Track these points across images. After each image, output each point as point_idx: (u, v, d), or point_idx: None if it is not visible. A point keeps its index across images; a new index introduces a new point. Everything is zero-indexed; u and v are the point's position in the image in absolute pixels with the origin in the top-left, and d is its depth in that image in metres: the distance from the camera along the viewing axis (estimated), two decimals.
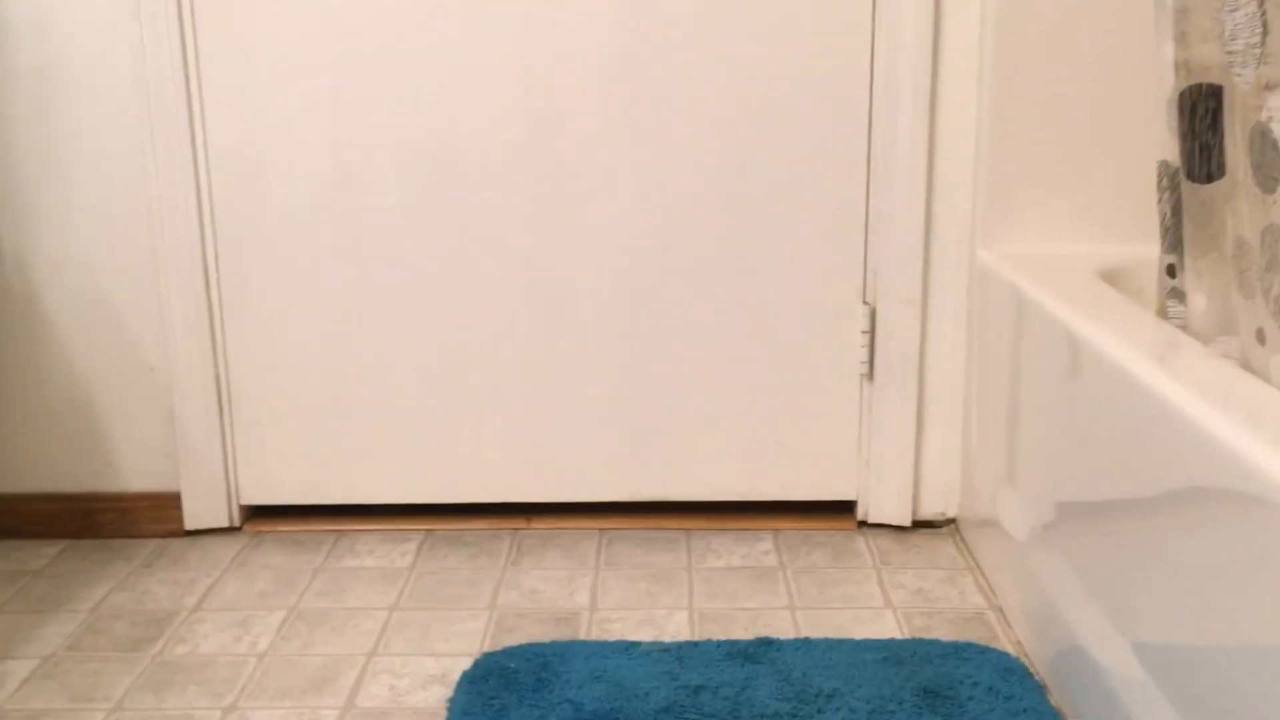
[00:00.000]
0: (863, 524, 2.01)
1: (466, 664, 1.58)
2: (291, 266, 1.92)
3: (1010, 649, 1.62)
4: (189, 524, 2.00)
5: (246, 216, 1.91)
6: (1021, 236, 1.83)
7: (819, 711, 1.45)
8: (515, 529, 2.01)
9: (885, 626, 1.68)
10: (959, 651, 1.59)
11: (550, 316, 1.94)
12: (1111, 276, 1.70)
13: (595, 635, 1.66)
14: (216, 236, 1.92)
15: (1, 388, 1.96)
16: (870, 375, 1.95)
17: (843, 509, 2.04)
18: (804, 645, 1.61)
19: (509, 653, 1.59)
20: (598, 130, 1.87)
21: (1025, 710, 1.45)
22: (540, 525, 2.02)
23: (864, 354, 1.94)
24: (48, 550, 1.96)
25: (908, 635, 1.66)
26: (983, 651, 1.59)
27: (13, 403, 1.97)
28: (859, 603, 1.75)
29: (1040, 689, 1.50)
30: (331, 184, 1.90)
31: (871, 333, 1.93)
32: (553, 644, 1.61)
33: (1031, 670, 1.55)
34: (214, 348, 1.94)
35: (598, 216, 1.90)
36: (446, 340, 1.95)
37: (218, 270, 1.93)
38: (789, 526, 2.01)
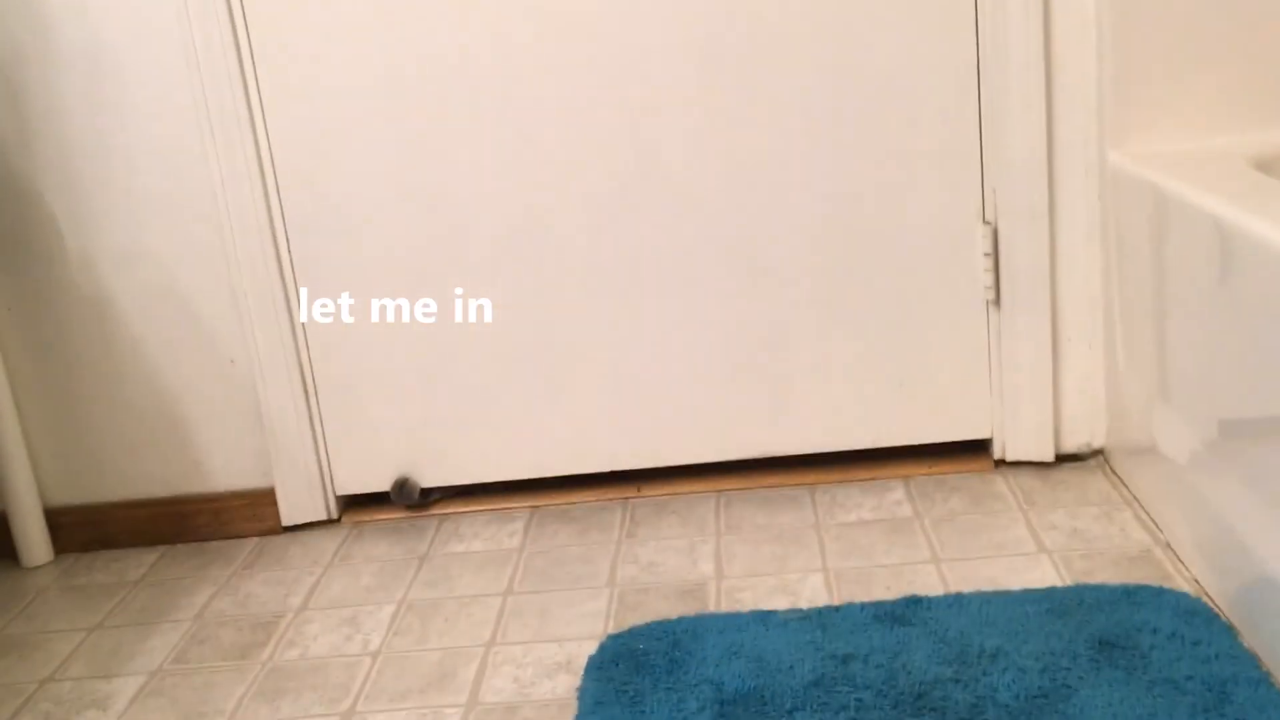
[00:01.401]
0: (1000, 463, 1.87)
1: (592, 648, 1.49)
2: (366, 243, 1.83)
3: (1188, 588, 1.48)
4: (286, 520, 1.93)
5: (315, 196, 1.82)
6: (1158, 131, 1.67)
7: (985, 673, 1.33)
8: (625, 498, 1.91)
9: (1042, 574, 1.55)
10: (1131, 595, 1.46)
11: (643, 268, 1.83)
12: (1270, 165, 1.54)
13: (725, 607, 1.56)
14: (285, 220, 1.83)
15: (79, 393, 1.91)
16: (996, 301, 1.81)
17: (976, 449, 1.91)
18: (956, 601, 1.48)
19: (636, 633, 1.50)
20: (686, 54, 1.74)
21: (1217, 656, 1.32)
22: (651, 492, 1.92)
23: (988, 278, 1.80)
24: (145, 558, 1.91)
25: (1069, 582, 1.53)
26: (1158, 594, 1.45)
27: (93, 408, 1.92)
28: (1009, 550, 1.63)
29: (1229, 631, 1.36)
30: (400, 153, 1.80)
31: (994, 254, 1.79)
32: (682, 620, 1.52)
33: (1216, 610, 1.42)
34: (294, 334, 1.87)
35: (687, 150, 1.78)
36: (536, 305, 1.85)
37: (290, 254, 1.85)
38: (920, 472, 1.88)
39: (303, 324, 1.87)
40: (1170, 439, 1.58)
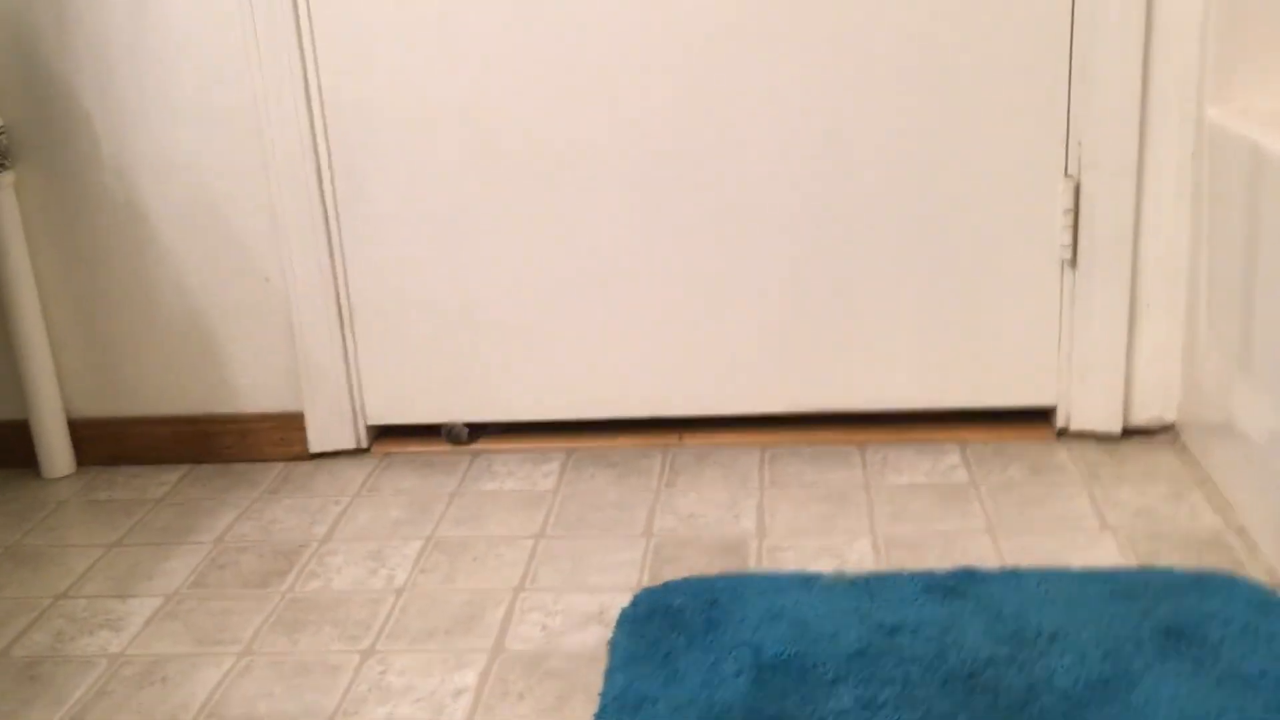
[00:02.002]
0: (1063, 433, 1.79)
1: (625, 600, 1.43)
2: (411, 166, 1.76)
3: (1263, 578, 1.40)
4: (314, 446, 1.88)
5: (360, 112, 1.75)
6: (1264, 87, 1.56)
7: (1042, 655, 1.26)
8: (666, 446, 1.85)
9: (1105, 553, 1.48)
10: (1201, 582, 1.38)
11: (699, 210, 1.74)
12: None
13: (766, 566, 1.49)
14: (328, 135, 1.76)
15: (108, 303, 1.86)
16: (1073, 261, 1.71)
17: (1037, 417, 1.82)
18: (1013, 576, 1.41)
19: (672, 588, 1.43)
20: None
21: None
22: (694, 441, 1.85)
23: (1066, 236, 1.70)
24: (167, 477, 1.87)
25: (1134, 563, 1.45)
26: (1230, 582, 1.37)
27: (121, 319, 1.87)
28: (1070, 525, 1.55)
29: None
30: (449, 74, 1.72)
31: (1075, 211, 1.69)
32: (721, 577, 1.45)
33: None
34: (331, 256, 1.80)
35: (751, 90, 1.69)
36: (585, 240, 1.77)
37: (331, 171, 1.77)
38: (977, 438, 1.80)
39: (342, 244, 1.80)
40: (1250, 416, 1.49)
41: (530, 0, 1.68)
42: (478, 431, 1.88)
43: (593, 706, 1.24)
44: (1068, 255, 1.71)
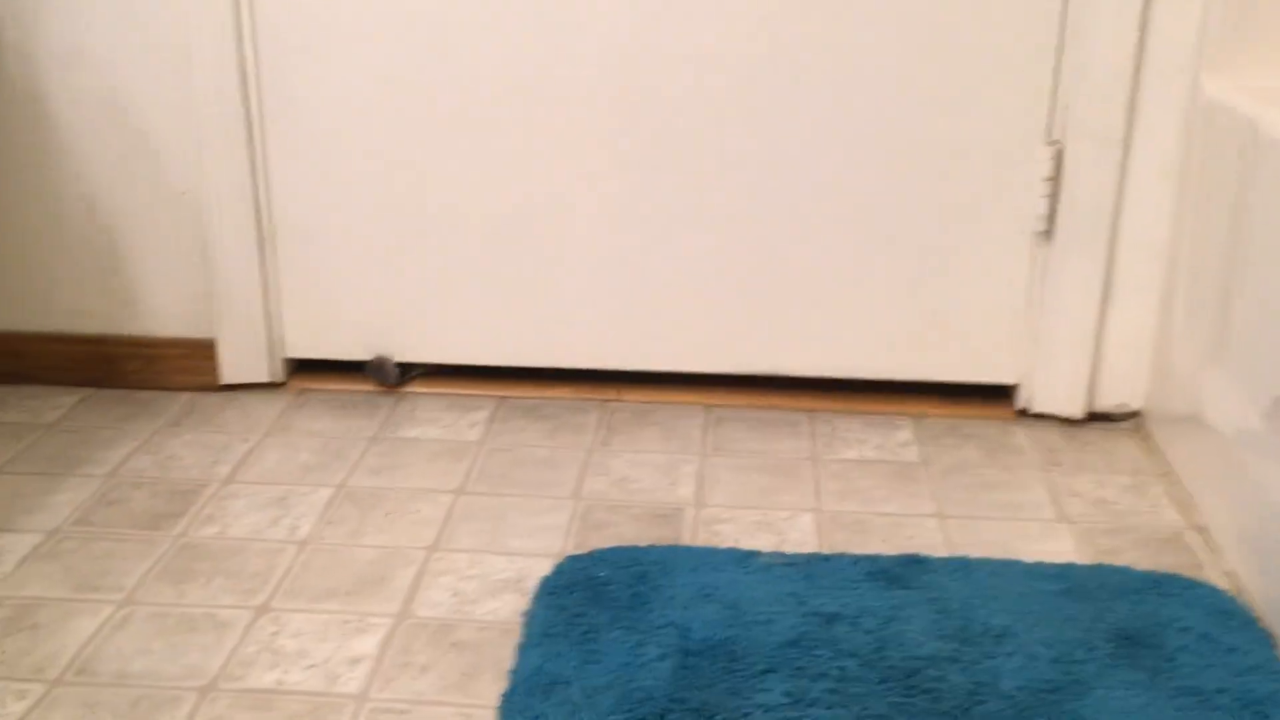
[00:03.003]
0: (1022, 413, 1.71)
1: (546, 567, 1.34)
2: (346, 78, 1.63)
3: (1223, 582, 1.33)
4: (225, 377, 1.76)
5: (294, 11, 1.61)
6: (1268, 62, 1.48)
7: (988, 656, 1.19)
8: (604, 400, 1.75)
9: (1060, 546, 1.41)
10: (1159, 585, 1.31)
11: (649, 149, 1.63)
12: None
13: (702, 539, 1.41)
14: (256, 34, 1.62)
15: (6, 204, 1.72)
16: (1049, 233, 1.63)
17: (997, 394, 1.75)
18: (962, 566, 1.34)
19: (598, 557, 1.34)
20: None
21: (1254, 669, 1.17)
22: (633, 398, 1.75)
23: (1043, 206, 1.61)
24: (64, 400, 1.74)
25: (1090, 559, 1.38)
26: (1189, 586, 1.31)
27: (19, 222, 1.73)
28: (1025, 513, 1.47)
29: (1268, 640, 1.22)
30: None
31: (1056, 180, 1.60)
32: (652, 548, 1.36)
33: (1254, 613, 1.27)
34: (253, 171, 1.68)
35: (709, 30, 1.57)
36: (524, 175, 1.66)
37: (258, 77, 1.64)
38: (932, 412, 1.72)
39: (266, 157, 1.67)
40: (1221, 409, 1.42)
41: None
42: (409, 370, 1.77)
43: (501, 685, 1.15)
44: (1043, 226, 1.63)
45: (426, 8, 1.59)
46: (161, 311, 1.76)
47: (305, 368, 1.81)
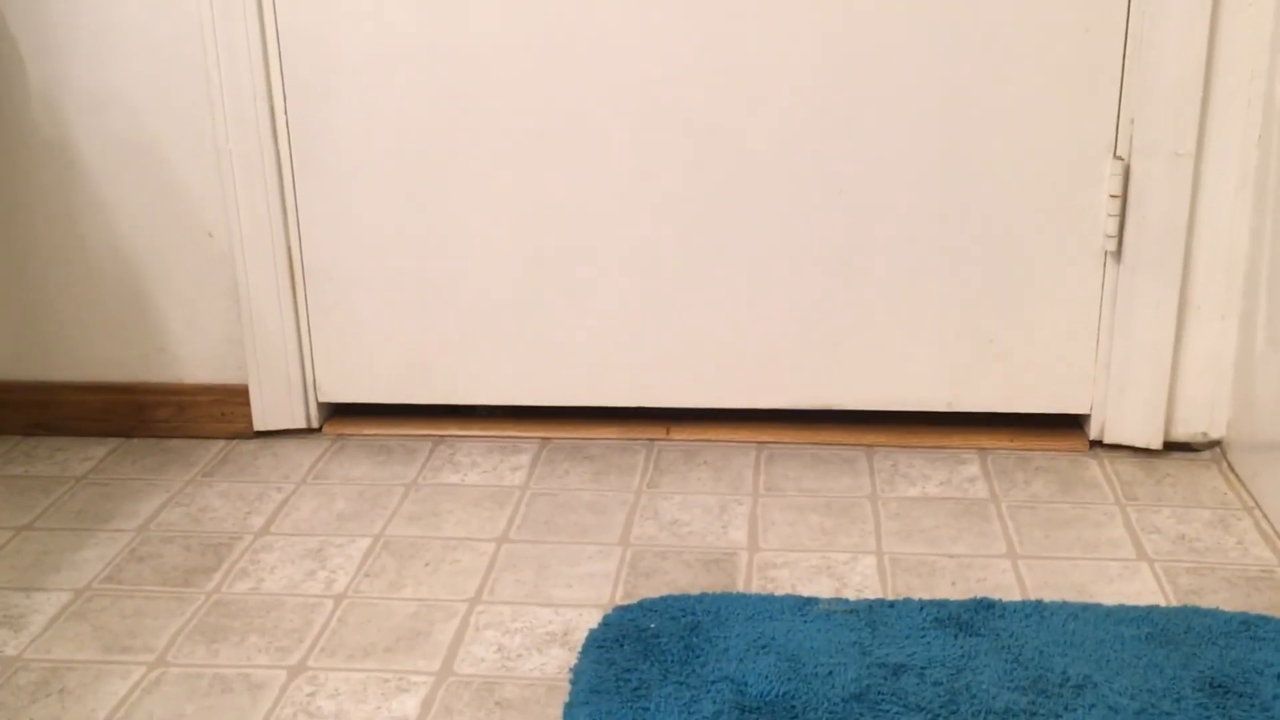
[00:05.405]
0: (1096, 444, 1.67)
1: (593, 619, 1.31)
2: (378, 115, 1.63)
3: None
4: (258, 424, 1.76)
5: (321, 52, 1.61)
6: None
7: (1067, 709, 1.15)
8: (651, 439, 1.73)
9: (1142, 587, 1.36)
10: (1250, 628, 1.26)
11: (696, 178, 1.62)
12: None
13: (757, 586, 1.38)
14: (284, 74, 1.63)
15: (33, 253, 1.73)
16: (1118, 253, 1.59)
17: (1068, 424, 1.71)
18: (1036, 611, 1.30)
19: (648, 607, 1.32)
20: None
21: None
22: (682, 435, 1.73)
23: (1111, 225, 1.58)
24: (94, 451, 1.75)
25: (1174, 601, 1.34)
26: None
27: (47, 271, 1.74)
28: (1102, 552, 1.43)
29: None
30: (424, 15, 1.58)
31: (1123, 197, 1.56)
32: (704, 597, 1.34)
33: None
34: (284, 212, 1.68)
35: (759, 54, 1.56)
36: (567, 209, 1.64)
37: (287, 116, 1.65)
38: (999, 445, 1.68)
39: (296, 199, 1.68)
40: None
41: None
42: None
43: None
44: (1112, 246, 1.59)
45: (456, 52, 1.59)
46: (192, 358, 1.76)
47: (342, 411, 1.81)
